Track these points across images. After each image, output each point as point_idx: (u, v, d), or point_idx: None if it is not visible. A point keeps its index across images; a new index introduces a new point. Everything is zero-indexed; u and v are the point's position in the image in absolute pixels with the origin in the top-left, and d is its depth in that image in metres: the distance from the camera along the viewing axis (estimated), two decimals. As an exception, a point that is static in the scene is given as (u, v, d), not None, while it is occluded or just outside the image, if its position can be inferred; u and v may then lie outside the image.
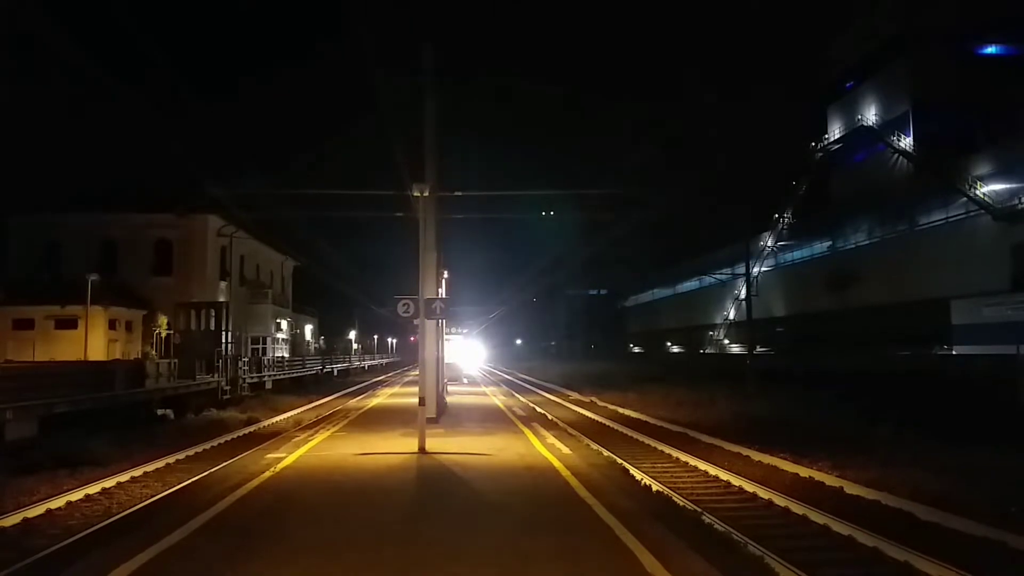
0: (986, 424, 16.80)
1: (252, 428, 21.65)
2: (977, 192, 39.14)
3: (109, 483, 12.68)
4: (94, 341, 30.57)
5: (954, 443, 14.57)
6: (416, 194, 14.65)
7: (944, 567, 7.42)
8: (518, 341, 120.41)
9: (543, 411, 25.54)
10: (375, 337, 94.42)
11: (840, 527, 9.20)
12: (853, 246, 51.07)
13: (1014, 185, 37.45)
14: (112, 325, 32.93)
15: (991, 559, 7.91)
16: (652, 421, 22.31)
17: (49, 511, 10.79)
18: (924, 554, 7.80)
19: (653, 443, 17.45)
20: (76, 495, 11.68)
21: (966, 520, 9.15)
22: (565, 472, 10.79)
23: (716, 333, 68.64)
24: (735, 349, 61.04)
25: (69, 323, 31.52)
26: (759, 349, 44.30)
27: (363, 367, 73.13)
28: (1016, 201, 36.67)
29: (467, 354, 48.72)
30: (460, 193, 18.72)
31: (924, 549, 7.95)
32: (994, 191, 38.57)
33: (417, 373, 17.34)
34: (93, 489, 12.16)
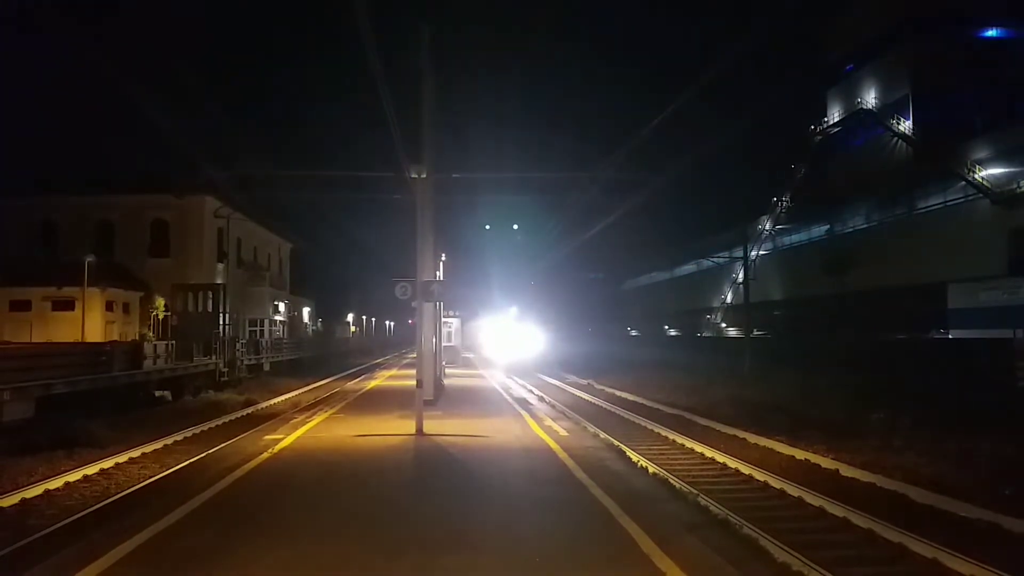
0: (981, 408, 16.89)
1: (250, 410, 21.71)
2: (976, 176, 39.05)
3: (107, 464, 12.72)
4: (91, 323, 30.51)
5: (948, 427, 14.66)
6: (414, 176, 14.58)
7: (938, 548, 7.47)
8: None
9: (541, 393, 25.61)
10: (373, 320, 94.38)
11: (835, 509, 9.26)
12: (851, 230, 51.02)
13: (1013, 169, 37.38)
14: (109, 307, 32.86)
15: (984, 540, 7.95)
16: (649, 404, 22.39)
17: (47, 492, 10.82)
18: (918, 535, 7.86)
19: (650, 425, 17.52)
20: (74, 476, 11.71)
21: (959, 502, 9.23)
22: (562, 454, 10.83)
23: (713, 316, 68.72)
24: (732, 332, 61.15)
25: (66, 305, 31.43)
26: (756, 332, 44.40)
27: (361, 349, 73.17)
28: (1015, 185, 36.62)
29: (497, 341, 43.22)
30: (457, 175, 18.63)
31: (918, 531, 8.01)
32: (993, 175, 38.49)
33: (415, 355, 17.34)
34: (91, 470, 12.20)
